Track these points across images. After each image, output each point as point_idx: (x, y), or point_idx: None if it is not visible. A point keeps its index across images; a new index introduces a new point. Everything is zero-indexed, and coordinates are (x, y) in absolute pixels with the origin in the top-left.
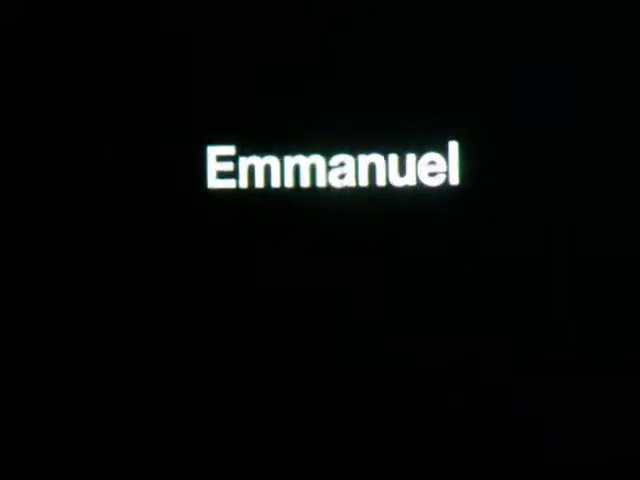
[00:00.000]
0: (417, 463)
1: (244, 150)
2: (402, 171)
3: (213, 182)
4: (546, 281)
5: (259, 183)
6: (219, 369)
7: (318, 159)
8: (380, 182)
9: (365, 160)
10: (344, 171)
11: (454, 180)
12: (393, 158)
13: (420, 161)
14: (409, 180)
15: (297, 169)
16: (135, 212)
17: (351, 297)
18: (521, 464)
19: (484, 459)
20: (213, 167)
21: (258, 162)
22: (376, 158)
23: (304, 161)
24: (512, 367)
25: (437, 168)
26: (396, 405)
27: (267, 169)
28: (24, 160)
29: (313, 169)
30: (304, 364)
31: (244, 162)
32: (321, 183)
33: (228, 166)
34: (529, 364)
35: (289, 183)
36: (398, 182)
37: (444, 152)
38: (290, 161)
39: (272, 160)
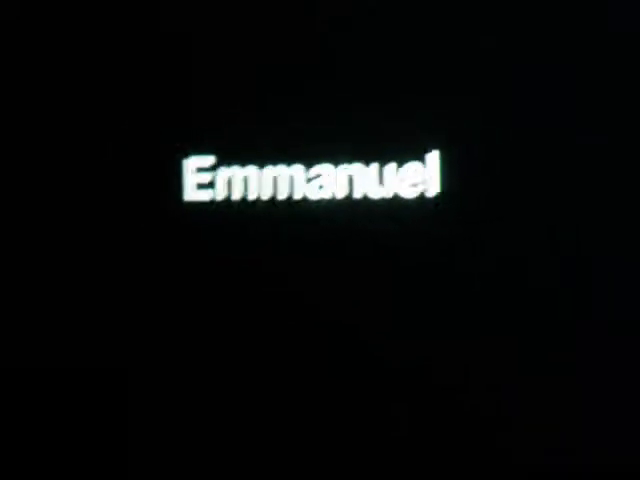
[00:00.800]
0: (425, 466)
1: (222, 162)
2: (381, 181)
3: (190, 194)
4: (529, 294)
5: (237, 195)
6: (199, 388)
7: (298, 169)
8: (357, 194)
9: (344, 170)
10: (322, 182)
11: (433, 190)
12: (373, 168)
13: (399, 171)
14: (388, 191)
15: (275, 180)
16: (115, 221)
17: (331, 310)
18: (524, 464)
19: (490, 460)
20: (190, 179)
21: (236, 173)
22: (355, 168)
23: (284, 171)
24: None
25: (416, 178)
26: (398, 408)
27: (245, 180)
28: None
29: (292, 180)
30: (292, 380)
31: (221, 174)
32: (298, 194)
33: (205, 178)
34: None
35: (267, 194)
36: (376, 193)
37: (423, 162)
38: (268, 172)
39: (251, 171)
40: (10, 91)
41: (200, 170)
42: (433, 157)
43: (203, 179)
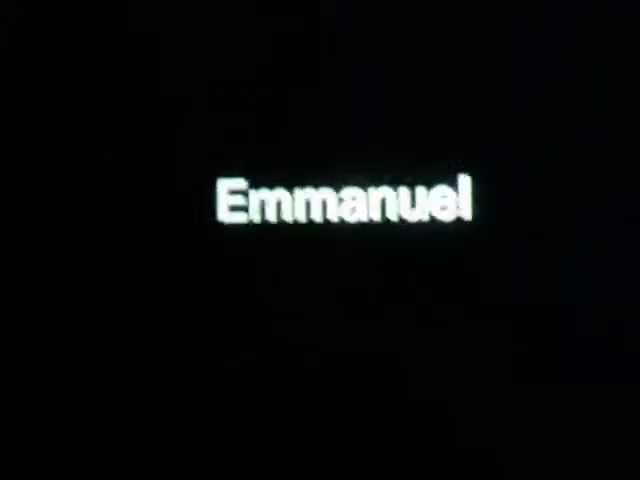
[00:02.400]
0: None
1: (255, 184)
2: (413, 205)
3: (224, 215)
4: (563, 320)
5: (270, 217)
6: (226, 401)
7: (328, 193)
8: (391, 216)
9: (375, 194)
10: (355, 205)
11: (466, 214)
12: (403, 191)
13: (430, 195)
14: (420, 214)
15: (308, 203)
16: (145, 241)
17: (362, 333)
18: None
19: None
20: (224, 200)
21: (269, 196)
22: (386, 192)
23: (315, 195)
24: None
25: (448, 202)
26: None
27: (278, 203)
28: (32, 169)
29: (324, 203)
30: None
31: (255, 196)
32: (332, 216)
33: (239, 200)
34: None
35: (300, 217)
36: (409, 216)
37: (455, 186)
38: (300, 195)
39: (283, 194)
40: (29, 103)
41: (232, 192)
42: (464, 181)
43: (235, 201)
